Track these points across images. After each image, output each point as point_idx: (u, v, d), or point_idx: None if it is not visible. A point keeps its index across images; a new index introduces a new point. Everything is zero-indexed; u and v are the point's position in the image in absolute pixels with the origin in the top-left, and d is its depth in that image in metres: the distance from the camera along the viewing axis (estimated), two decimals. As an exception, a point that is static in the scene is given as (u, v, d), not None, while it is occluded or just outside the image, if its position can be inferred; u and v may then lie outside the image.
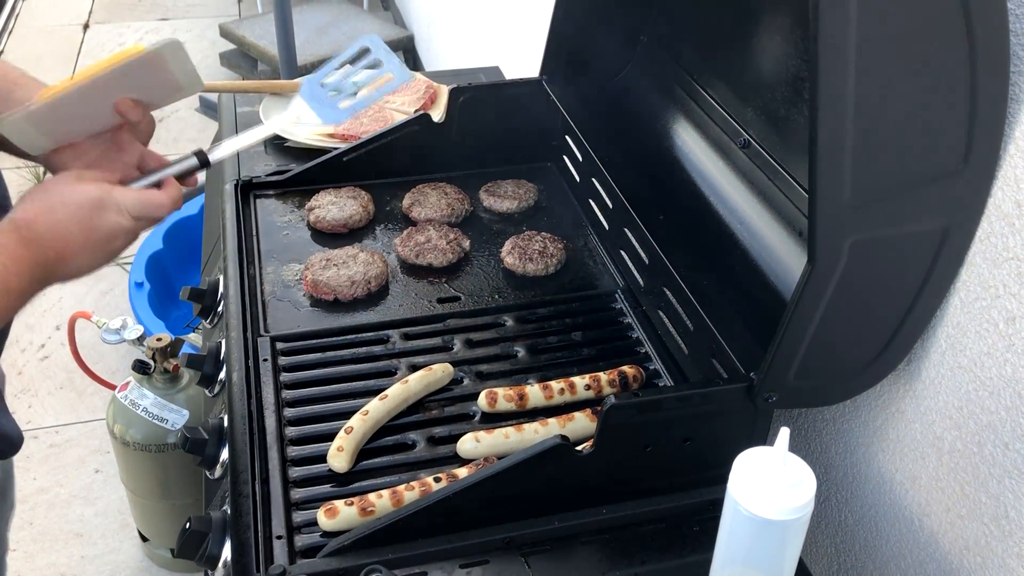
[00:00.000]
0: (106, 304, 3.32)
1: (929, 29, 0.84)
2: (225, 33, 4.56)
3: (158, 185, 1.10)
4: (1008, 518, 0.99)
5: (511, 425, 1.19)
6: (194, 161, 1.13)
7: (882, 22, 0.82)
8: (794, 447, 0.87)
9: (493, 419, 1.24)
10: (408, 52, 4.53)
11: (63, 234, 1.01)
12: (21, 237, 0.99)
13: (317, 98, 1.19)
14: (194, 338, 2.37)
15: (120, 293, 3.33)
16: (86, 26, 5.48)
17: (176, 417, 2.07)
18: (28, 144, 1.09)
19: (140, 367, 2.06)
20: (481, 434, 1.17)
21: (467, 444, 1.17)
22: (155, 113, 1.14)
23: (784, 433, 0.86)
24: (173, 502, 2.23)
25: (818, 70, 0.82)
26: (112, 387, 2.27)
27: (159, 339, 2.05)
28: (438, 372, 1.27)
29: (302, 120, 1.19)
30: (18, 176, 3.52)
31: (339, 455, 1.14)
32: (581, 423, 1.19)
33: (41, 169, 3.20)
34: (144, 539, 2.43)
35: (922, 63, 0.85)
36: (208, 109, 4.29)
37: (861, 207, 0.90)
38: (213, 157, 1.14)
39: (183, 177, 1.13)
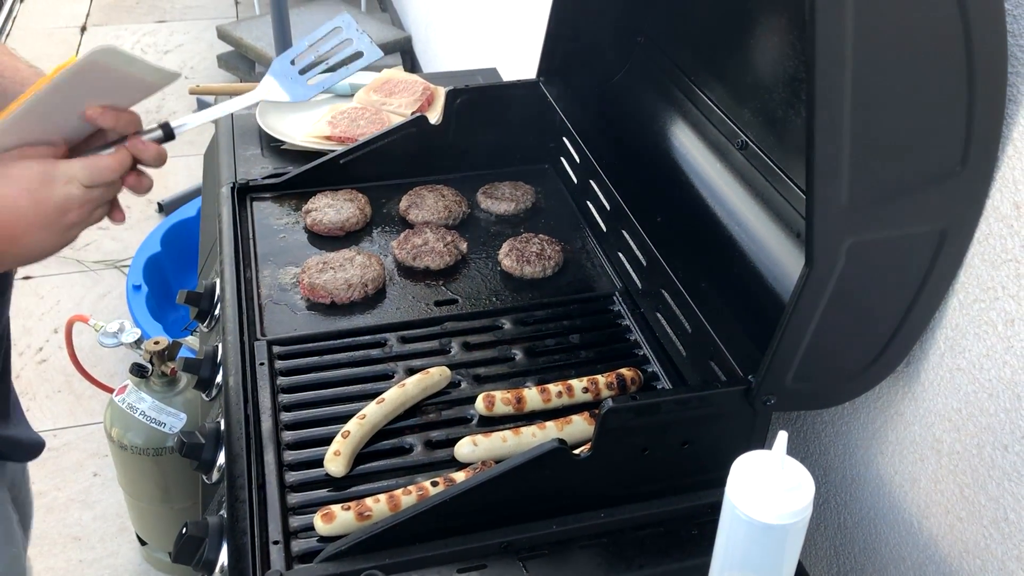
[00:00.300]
0: (104, 307, 3.32)
1: (926, 30, 0.84)
2: (222, 35, 4.56)
3: None
4: (1008, 520, 0.98)
5: (509, 428, 1.19)
6: (158, 133, 1.12)
7: (879, 23, 0.82)
8: (793, 450, 0.87)
9: (490, 422, 1.23)
10: (406, 53, 4.53)
11: (12, 209, 1.00)
12: None
13: (286, 75, 1.19)
14: (192, 341, 2.36)
15: (118, 296, 3.33)
16: (83, 28, 5.47)
17: (174, 420, 2.06)
18: None
19: (138, 370, 2.06)
20: (478, 438, 1.17)
21: (464, 448, 1.16)
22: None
23: (782, 437, 0.85)
24: (171, 506, 2.22)
25: (815, 71, 0.82)
26: (110, 390, 2.26)
27: (156, 342, 2.05)
28: (435, 375, 1.26)
29: (268, 97, 1.19)
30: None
31: (336, 459, 1.13)
32: (579, 426, 1.19)
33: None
34: (142, 543, 2.42)
35: (919, 64, 0.85)
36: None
37: (859, 209, 0.90)
38: (177, 129, 1.13)
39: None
